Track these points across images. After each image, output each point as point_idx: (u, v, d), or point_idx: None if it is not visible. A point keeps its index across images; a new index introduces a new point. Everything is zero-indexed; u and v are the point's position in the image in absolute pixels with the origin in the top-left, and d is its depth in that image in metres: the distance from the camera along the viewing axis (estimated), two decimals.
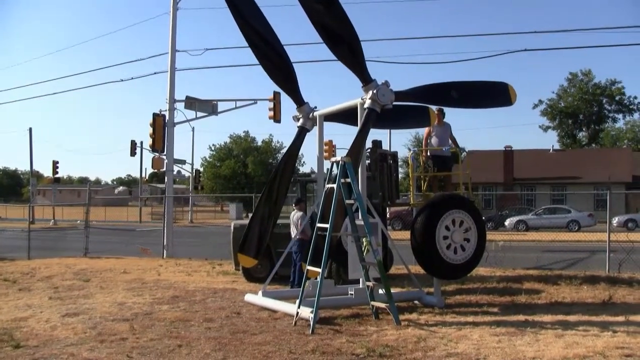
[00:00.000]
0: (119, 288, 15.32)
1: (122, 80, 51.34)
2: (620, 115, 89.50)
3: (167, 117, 25.21)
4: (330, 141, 40.01)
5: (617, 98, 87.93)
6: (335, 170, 11.33)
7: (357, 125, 12.00)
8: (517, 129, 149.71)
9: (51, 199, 67.12)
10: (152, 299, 13.50)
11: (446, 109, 14.49)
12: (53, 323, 10.99)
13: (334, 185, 11.00)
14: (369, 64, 11.90)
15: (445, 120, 14.53)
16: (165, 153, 25.55)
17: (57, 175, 57.15)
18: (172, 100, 25.45)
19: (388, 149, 41.88)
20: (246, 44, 12.51)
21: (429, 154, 14.47)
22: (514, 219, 42.61)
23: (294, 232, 14.29)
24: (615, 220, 40.54)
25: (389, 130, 51.35)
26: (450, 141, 14.51)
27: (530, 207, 50.20)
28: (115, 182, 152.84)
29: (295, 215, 14.44)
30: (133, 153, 51.93)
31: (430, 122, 14.98)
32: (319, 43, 11.58)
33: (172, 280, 16.69)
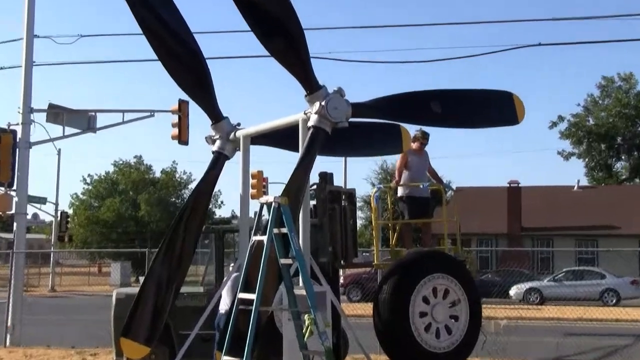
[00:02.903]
0: None
1: None
2: None
3: (19, 134, 24.87)
4: (260, 172, 40.12)
5: None
6: (265, 215, 11.40)
7: (297, 150, 12.09)
8: (527, 157, 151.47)
9: None
10: None
11: (430, 130, 14.68)
12: None
13: (264, 238, 11.05)
14: (317, 61, 12.06)
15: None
16: (15, 187, 25.15)
17: None
18: (28, 110, 25.09)
19: (342, 185, 42.19)
20: (139, 30, 12.54)
21: (400, 193, 14.64)
22: (523, 286, 42.87)
23: (226, 303, 14.02)
24: None
25: (343, 159, 51.41)
26: (429, 175, 14.71)
27: (546, 269, 50.64)
28: None
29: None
30: None
31: (402, 147, 15.10)
32: (246, 31, 11.69)
33: None
